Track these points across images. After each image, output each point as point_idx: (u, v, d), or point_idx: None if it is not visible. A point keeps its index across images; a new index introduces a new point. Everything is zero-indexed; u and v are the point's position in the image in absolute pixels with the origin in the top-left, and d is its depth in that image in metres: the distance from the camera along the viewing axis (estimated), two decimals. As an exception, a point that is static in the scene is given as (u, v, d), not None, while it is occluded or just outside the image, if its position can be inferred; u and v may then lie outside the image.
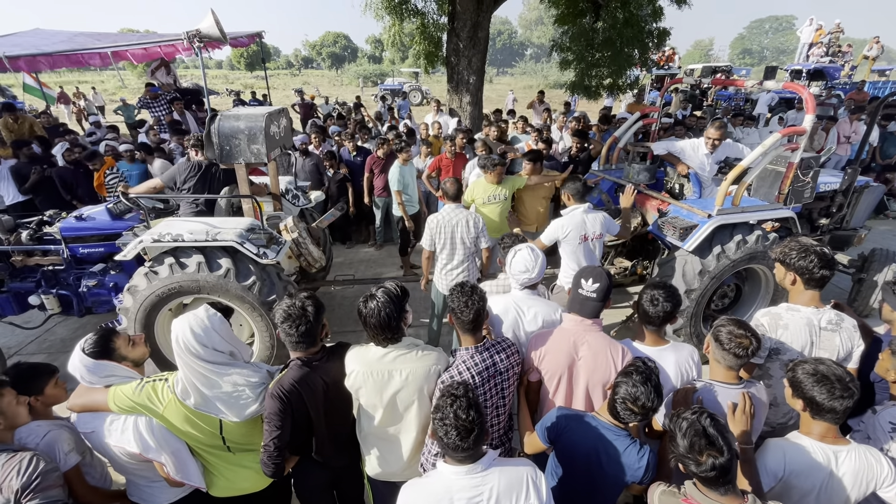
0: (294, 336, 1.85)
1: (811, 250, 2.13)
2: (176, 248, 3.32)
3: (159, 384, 1.86)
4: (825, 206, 4.72)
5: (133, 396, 1.81)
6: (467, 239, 3.58)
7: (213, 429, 1.89)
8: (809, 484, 1.70)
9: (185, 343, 1.75)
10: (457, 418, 1.44)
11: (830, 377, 1.64)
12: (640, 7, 9.12)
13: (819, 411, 1.67)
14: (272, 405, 1.82)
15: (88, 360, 1.89)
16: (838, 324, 2.15)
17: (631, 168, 4.48)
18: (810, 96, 3.42)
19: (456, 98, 9.26)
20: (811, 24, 18.43)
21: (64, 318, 4.69)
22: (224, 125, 3.44)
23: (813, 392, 1.65)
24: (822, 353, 2.12)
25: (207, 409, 1.84)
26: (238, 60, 49.85)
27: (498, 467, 1.53)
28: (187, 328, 1.77)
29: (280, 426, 1.82)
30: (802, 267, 2.14)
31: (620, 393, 1.68)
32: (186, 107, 9.75)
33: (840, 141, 7.78)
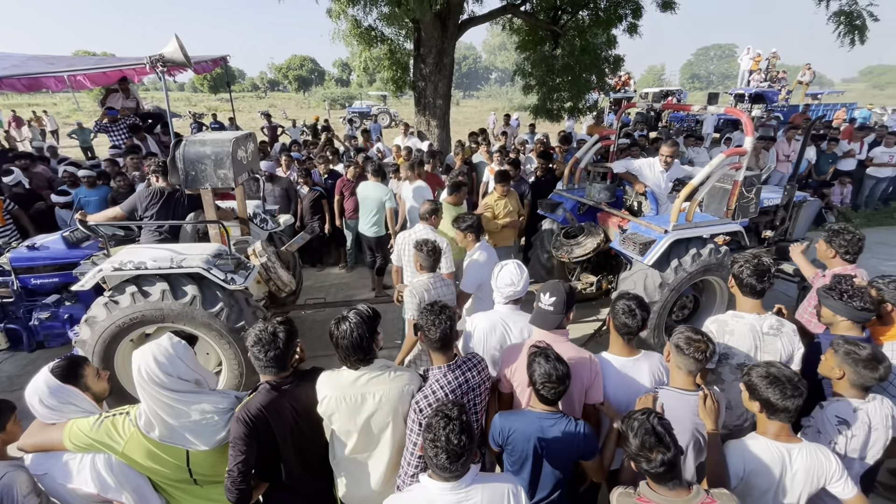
0: (263, 360, 1.84)
1: (748, 262, 2.34)
2: (138, 276, 3.21)
3: (119, 419, 1.78)
4: (769, 220, 5.07)
5: (90, 433, 1.73)
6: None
7: (180, 461, 1.82)
8: (767, 482, 1.81)
9: (149, 373, 1.70)
10: (448, 442, 1.46)
11: (782, 378, 1.78)
12: (595, 36, 9.68)
13: (774, 411, 1.79)
14: (237, 429, 1.79)
15: (53, 381, 1.80)
16: (779, 329, 2.33)
17: (592, 187, 4.70)
18: (748, 120, 3.73)
19: (424, 121, 9.46)
20: (749, 53, 19.99)
21: (11, 355, 4.40)
22: (189, 150, 3.40)
23: (767, 393, 1.78)
24: (765, 357, 2.28)
25: (174, 440, 1.79)
26: (201, 83, 49.06)
27: (481, 483, 1.55)
28: (150, 358, 1.72)
29: (244, 451, 1.78)
30: (737, 276, 2.37)
31: (536, 377, 1.85)
32: (148, 131, 9.50)
33: (780, 159, 8.41)
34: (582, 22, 9.65)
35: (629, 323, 2.14)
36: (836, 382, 2.10)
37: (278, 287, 3.97)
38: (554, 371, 1.83)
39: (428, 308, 2.02)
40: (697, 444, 2.03)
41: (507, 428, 1.92)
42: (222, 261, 3.36)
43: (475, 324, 2.52)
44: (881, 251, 7.46)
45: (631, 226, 4.11)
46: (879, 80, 76.45)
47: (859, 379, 2.00)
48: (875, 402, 2.04)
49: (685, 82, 76.32)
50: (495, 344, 2.44)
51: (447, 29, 8.64)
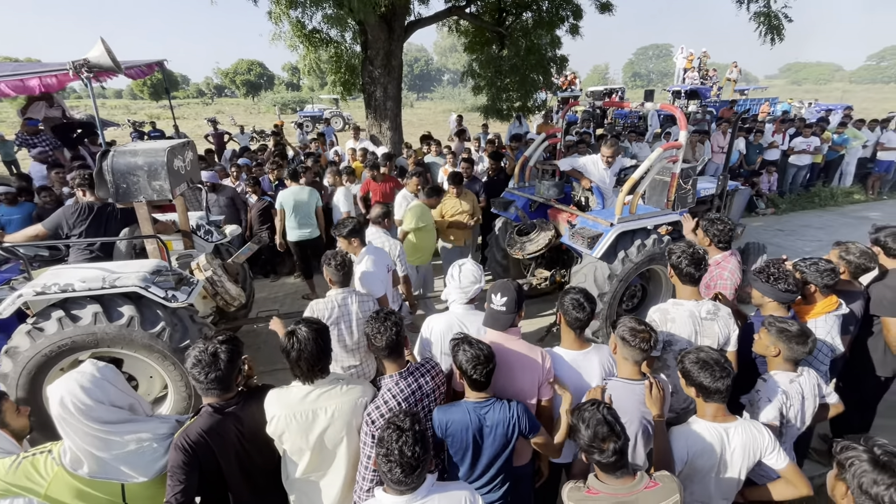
0: (203, 383, 1.75)
1: (683, 251, 2.48)
2: (66, 299, 2.97)
3: (40, 458, 1.63)
4: (706, 209, 5.39)
5: (6, 477, 1.57)
6: (388, 262, 3.58)
7: (114, 497, 1.69)
8: (710, 462, 1.92)
9: (75, 404, 1.57)
10: (402, 455, 1.43)
11: (710, 362, 1.89)
12: (539, 37, 9.96)
13: (708, 394, 1.90)
14: (175, 457, 1.69)
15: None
16: (715, 313, 2.47)
17: (542, 185, 4.82)
18: (681, 115, 3.95)
19: (376, 124, 9.37)
20: (682, 52, 21.27)
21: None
22: (119, 161, 3.18)
23: (700, 378, 1.89)
24: (705, 340, 2.41)
25: (106, 474, 1.65)
26: (141, 89, 46.30)
27: (437, 493, 1.53)
28: (75, 386, 1.59)
29: (184, 480, 1.68)
30: (674, 264, 2.51)
31: (464, 364, 1.87)
32: (79, 140, 8.82)
33: (715, 150, 8.97)
34: (526, 23, 9.91)
35: (580, 316, 2.19)
36: (772, 359, 2.25)
37: (226, 301, 3.80)
38: (480, 352, 1.86)
39: (373, 315, 1.99)
40: (646, 431, 2.11)
41: (446, 421, 1.93)
42: (161, 277, 3.17)
43: (431, 326, 2.50)
44: (804, 233, 8.14)
45: (579, 221, 4.25)
46: (797, 76, 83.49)
47: (792, 354, 2.15)
48: (805, 375, 2.21)
49: (628, 80, 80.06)
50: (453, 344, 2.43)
51: (394, 31, 8.60)
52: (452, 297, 2.53)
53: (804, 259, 2.69)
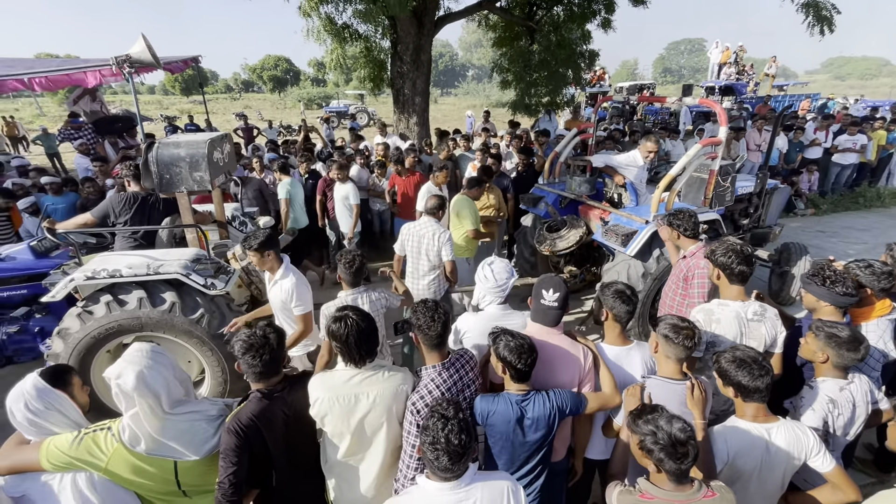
0: (258, 367, 1.79)
1: (732, 248, 2.38)
2: (113, 284, 3.10)
3: (100, 434, 1.70)
4: (744, 208, 5.22)
5: (70, 451, 1.64)
6: (431, 253, 3.67)
7: (168, 473, 1.76)
8: (752, 463, 1.85)
9: (142, 385, 1.64)
10: (448, 443, 1.43)
11: (747, 360, 1.83)
12: (570, 31, 9.79)
13: (747, 393, 1.84)
14: (228, 440, 1.74)
15: (42, 383, 1.71)
16: (762, 314, 2.38)
17: (573, 181, 4.75)
18: (722, 110, 3.81)
19: (403, 119, 9.40)
20: (717, 47, 20.52)
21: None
22: (163, 153, 3.29)
23: (738, 377, 1.83)
24: (751, 343, 2.33)
25: (161, 452, 1.72)
26: (172, 85, 47.72)
27: (480, 482, 1.54)
28: (138, 368, 1.66)
29: (236, 462, 1.74)
30: (724, 263, 2.40)
31: (508, 355, 1.85)
32: (117, 134, 9.18)
33: (750, 148, 8.66)
34: (557, 17, 9.75)
35: (629, 308, 2.17)
36: (819, 366, 2.14)
37: (260, 290, 3.89)
38: (523, 342, 1.86)
39: (422, 306, 1.99)
40: None
41: (488, 411, 1.93)
42: (201, 266, 3.27)
43: (467, 327, 2.46)
44: (847, 235, 7.78)
45: (612, 217, 4.17)
46: (841, 71, 79.58)
47: (842, 361, 2.04)
48: (856, 382, 2.10)
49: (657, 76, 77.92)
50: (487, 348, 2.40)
51: (423, 25, 8.59)
52: (487, 298, 2.45)
53: (857, 261, 2.57)
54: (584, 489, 2.51)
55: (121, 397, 1.68)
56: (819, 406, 2.05)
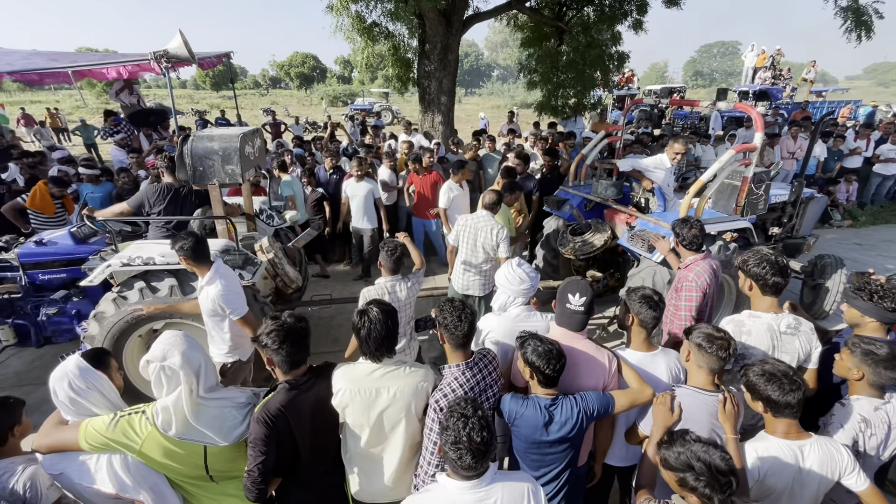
0: (297, 353, 1.85)
1: (766, 259, 2.30)
2: (147, 271, 3.21)
3: (135, 418, 1.76)
4: (777, 217, 5.05)
5: (106, 433, 1.71)
6: (488, 246, 3.73)
7: (197, 458, 1.81)
8: (783, 481, 1.79)
9: (187, 364, 1.73)
10: (471, 441, 1.42)
11: (778, 374, 1.76)
12: (600, 32, 9.65)
13: (777, 409, 1.77)
14: (257, 430, 1.77)
15: (84, 363, 1.80)
16: (797, 328, 2.30)
17: (599, 184, 4.68)
18: (759, 116, 3.70)
19: (428, 118, 9.44)
20: (753, 50, 19.88)
21: (19, 350, 4.41)
22: (197, 146, 3.39)
23: (767, 391, 1.76)
24: (783, 357, 2.25)
25: (191, 436, 1.78)
26: (203, 80, 49.01)
27: (500, 482, 1.53)
28: (182, 349, 1.74)
29: (265, 451, 1.77)
30: (757, 274, 2.31)
31: (535, 360, 1.84)
32: (151, 127, 9.49)
33: (784, 156, 8.37)
34: (587, 18, 9.62)
35: (656, 314, 2.13)
36: (854, 383, 2.06)
37: (285, 283, 3.97)
38: (552, 347, 1.85)
39: (449, 305, 1.98)
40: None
41: (516, 412, 1.93)
42: (230, 256, 3.36)
43: (490, 328, 2.47)
44: (887, 249, 7.44)
45: (639, 223, 4.10)
46: (884, 77, 76.10)
47: (879, 379, 1.96)
48: (893, 402, 2.01)
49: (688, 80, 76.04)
50: (511, 349, 2.37)
51: (452, 25, 8.61)
52: (511, 299, 2.45)
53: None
54: (602, 494, 2.48)
55: (162, 380, 1.74)
56: (850, 425, 1.97)
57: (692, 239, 2.87)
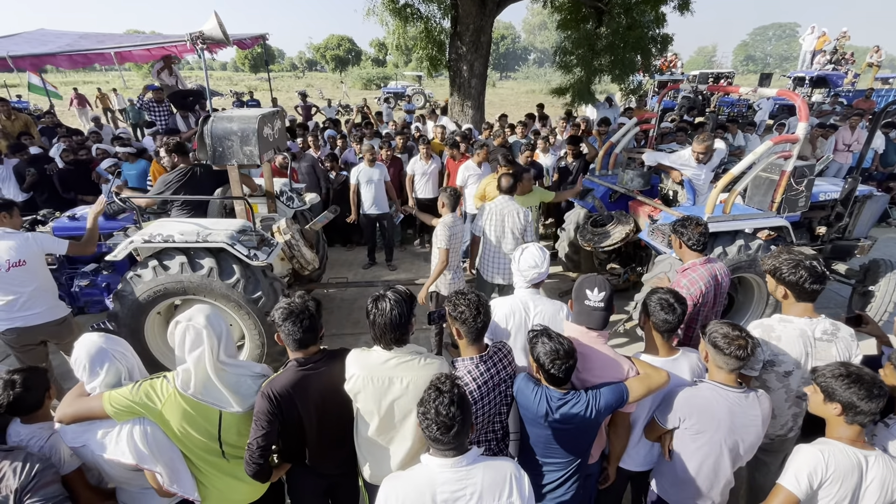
0: (298, 333, 1.84)
1: (801, 265, 2.11)
2: (161, 250, 3.31)
3: (157, 381, 1.83)
4: (825, 216, 4.67)
5: (130, 395, 1.77)
6: (517, 230, 3.70)
7: (212, 426, 1.86)
8: (844, 490, 1.63)
9: (209, 325, 1.81)
10: (437, 414, 1.46)
11: (864, 377, 1.62)
12: (642, 13, 9.15)
13: (857, 413, 1.62)
14: (261, 405, 1.81)
15: (102, 333, 1.90)
16: (834, 334, 2.11)
17: (624, 174, 4.47)
18: (804, 104, 3.39)
19: (458, 102, 9.28)
20: (813, 32, 18.38)
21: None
22: (217, 126, 3.44)
23: (850, 394, 1.61)
24: (818, 364, 2.10)
25: (208, 398, 1.84)
26: (242, 62, 50.26)
27: (483, 463, 1.54)
28: (207, 312, 1.85)
29: (266, 427, 1.80)
30: (793, 282, 2.12)
31: (542, 357, 1.80)
32: (189, 108, 9.78)
33: (839, 148, 7.73)
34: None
35: (669, 318, 2.01)
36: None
37: (301, 265, 4.02)
38: (560, 346, 1.78)
39: (464, 298, 1.94)
40: (735, 449, 1.91)
41: (518, 390, 1.91)
42: (246, 237, 3.42)
43: (494, 308, 2.44)
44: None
45: (662, 216, 3.88)
46: (964, 63, 68.99)
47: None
48: None
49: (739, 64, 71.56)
50: (514, 329, 2.37)
51: (486, 5, 8.37)
52: (515, 280, 2.53)
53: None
54: (615, 498, 2.42)
55: (186, 340, 1.81)
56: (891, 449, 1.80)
57: (697, 239, 2.69)
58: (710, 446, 1.92)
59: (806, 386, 1.97)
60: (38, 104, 15.00)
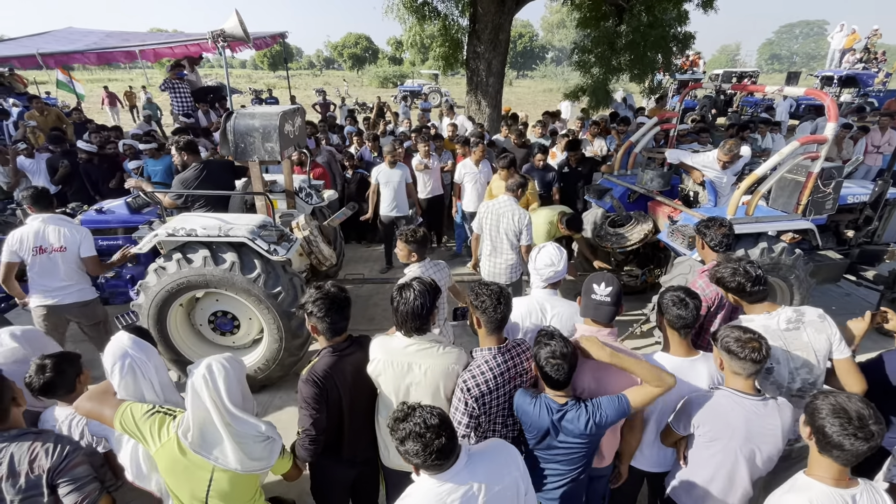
0: (341, 321, 1.94)
1: (738, 271, 2.16)
2: (185, 243, 3.39)
3: (167, 419, 1.74)
4: (853, 219, 4.54)
5: (139, 421, 1.71)
6: (510, 233, 3.66)
7: (202, 483, 1.73)
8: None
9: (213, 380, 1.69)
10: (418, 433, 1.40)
11: (851, 412, 1.46)
12: (664, 11, 8.99)
13: (840, 454, 1.46)
14: (307, 390, 1.85)
15: (133, 335, 1.89)
16: (799, 320, 2.09)
17: (644, 174, 4.41)
18: (833, 103, 3.30)
19: (475, 100, 9.26)
20: (842, 30, 17.81)
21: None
22: (239, 123, 3.50)
23: (825, 422, 1.48)
24: (797, 353, 2.09)
25: (204, 451, 1.69)
26: (261, 60, 50.90)
27: (481, 466, 1.53)
28: (218, 365, 1.72)
29: (318, 409, 1.85)
30: (734, 289, 2.19)
31: (541, 357, 1.78)
32: (210, 105, 9.97)
33: (868, 150, 7.50)
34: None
35: (682, 313, 1.99)
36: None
37: (319, 260, 4.07)
38: (559, 348, 1.76)
39: (486, 289, 1.96)
40: (752, 458, 1.86)
41: (522, 410, 1.88)
42: (266, 232, 3.48)
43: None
44: None
45: (682, 217, 3.82)
46: None
47: None
48: None
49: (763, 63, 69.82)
50: (531, 329, 2.37)
51: (505, 3, 8.32)
52: (532, 279, 2.52)
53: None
54: (629, 497, 2.39)
55: (198, 389, 1.69)
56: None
57: (720, 239, 2.66)
58: (725, 454, 1.88)
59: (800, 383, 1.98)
60: (65, 101, 15.45)
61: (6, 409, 1.71)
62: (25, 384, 1.92)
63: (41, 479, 1.63)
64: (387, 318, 5.09)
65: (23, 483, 1.62)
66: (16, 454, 1.64)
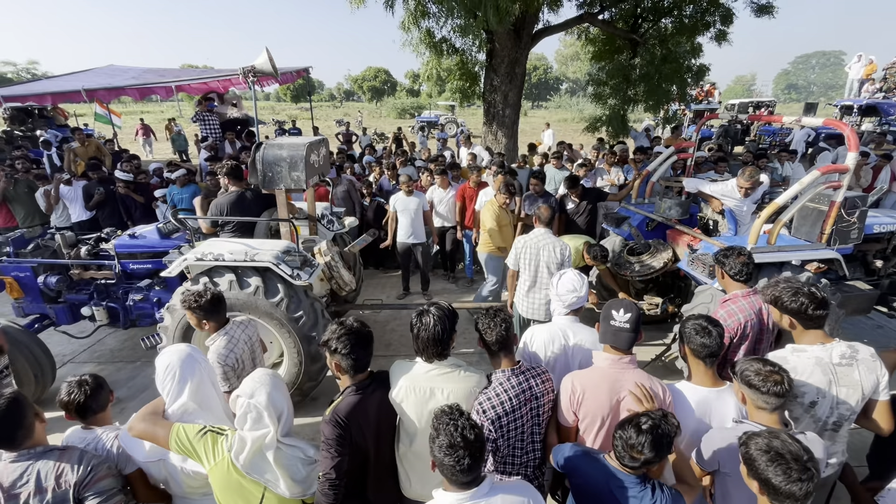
0: (365, 357, 1.91)
1: (801, 292, 2.06)
2: (213, 267, 3.49)
3: (220, 438, 1.79)
4: (881, 249, 4.44)
5: (193, 440, 1.77)
6: (552, 264, 3.52)
7: (254, 501, 1.79)
8: None
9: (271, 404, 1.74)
10: (465, 440, 1.42)
11: (785, 454, 1.43)
12: (678, 44, 9.18)
13: (778, 497, 1.43)
14: (330, 431, 1.79)
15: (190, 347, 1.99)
16: (853, 356, 2.02)
17: (662, 203, 4.41)
18: (853, 133, 3.30)
19: (492, 131, 9.47)
20: (860, 60, 17.82)
21: (112, 330, 4.98)
22: (268, 153, 3.67)
23: (768, 473, 1.44)
24: (844, 391, 2.01)
25: (255, 473, 1.75)
26: (284, 92, 53.04)
27: (500, 494, 1.50)
28: (269, 389, 1.77)
29: (338, 454, 1.78)
30: (795, 310, 2.07)
31: (619, 444, 1.63)
32: (236, 135, 10.43)
33: (894, 178, 7.37)
34: (664, 30, 9.21)
35: (706, 342, 1.96)
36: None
37: (339, 286, 4.14)
38: (641, 448, 1.55)
39: (484, 313, 2.02)
40: None
41: (579, 464, 1.78)
42: (290, 257, 3.57)
43: (533, 335, 2.47)
44: None
45: (702, 246, 3.80)
46: None
47: None
48: None
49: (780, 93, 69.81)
50: (554, 357, 2.36)
51: (521, 38, 8.61)
52: (554, 306, 2.52)
53: None
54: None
55: (248, 418, 1.75)
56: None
57: (740, 269, 2.61)
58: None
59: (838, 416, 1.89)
60: (101, 132, 16.32)
61: (30, 425, 1.74)
62: (61, 404, 1.97)
63: (68, 494, 1.66)
64: (404, 343, 5.09)
65: (49, 499, 1.64)
66: (42, 470, 1.66)
